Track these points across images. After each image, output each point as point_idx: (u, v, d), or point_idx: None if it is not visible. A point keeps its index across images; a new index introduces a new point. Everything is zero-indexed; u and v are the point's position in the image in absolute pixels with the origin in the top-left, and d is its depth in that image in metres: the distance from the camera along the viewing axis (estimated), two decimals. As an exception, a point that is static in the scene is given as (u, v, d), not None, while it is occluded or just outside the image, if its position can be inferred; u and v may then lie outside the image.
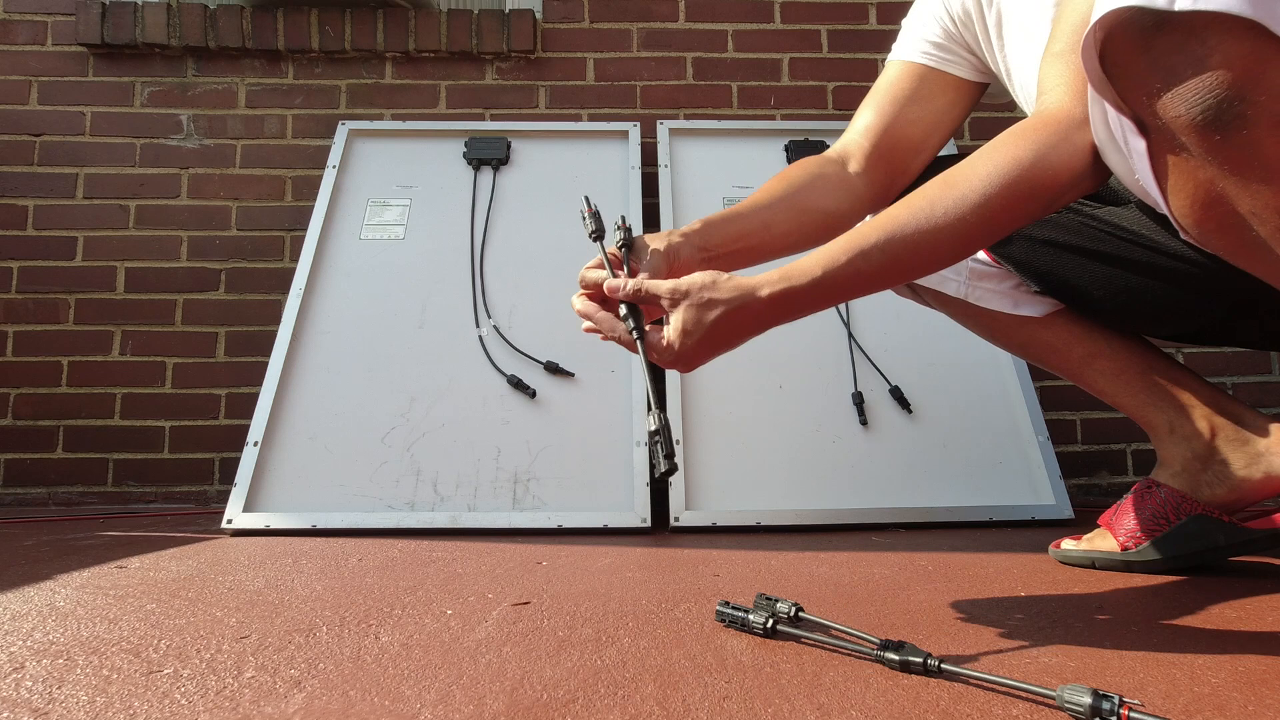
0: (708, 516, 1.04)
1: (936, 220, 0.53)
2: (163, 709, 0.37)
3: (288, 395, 1.16)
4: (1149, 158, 0.43)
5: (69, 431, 1.48)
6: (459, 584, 0.67)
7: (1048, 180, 0.51)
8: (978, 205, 0.52)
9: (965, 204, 0.52)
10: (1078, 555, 0.74)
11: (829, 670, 0.42)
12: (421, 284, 1.28)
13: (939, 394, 1.18)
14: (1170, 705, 0.36)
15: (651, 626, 0.52)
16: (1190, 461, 0.69)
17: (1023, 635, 0.49)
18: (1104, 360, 0.74)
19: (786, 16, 1.65)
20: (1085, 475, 1.46)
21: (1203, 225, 0.44)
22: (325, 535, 1.00)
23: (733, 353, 0.61)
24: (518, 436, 1.12)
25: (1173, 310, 0.69)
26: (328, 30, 1.59)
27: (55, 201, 1.55)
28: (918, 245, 0.54)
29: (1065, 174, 0.51)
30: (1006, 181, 0.51)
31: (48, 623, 0.54)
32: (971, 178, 0.52)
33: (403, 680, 0.41)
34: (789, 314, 0.56)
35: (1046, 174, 0.51)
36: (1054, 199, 0.52)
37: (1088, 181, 0.52)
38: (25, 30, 1.60)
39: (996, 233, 0.54)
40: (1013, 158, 0.51)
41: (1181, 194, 0.43)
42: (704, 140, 1.48)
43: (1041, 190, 0.51)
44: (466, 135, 1.47)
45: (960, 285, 0.77)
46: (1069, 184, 0.51)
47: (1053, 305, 0.75)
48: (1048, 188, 0.51)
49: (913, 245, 0.54)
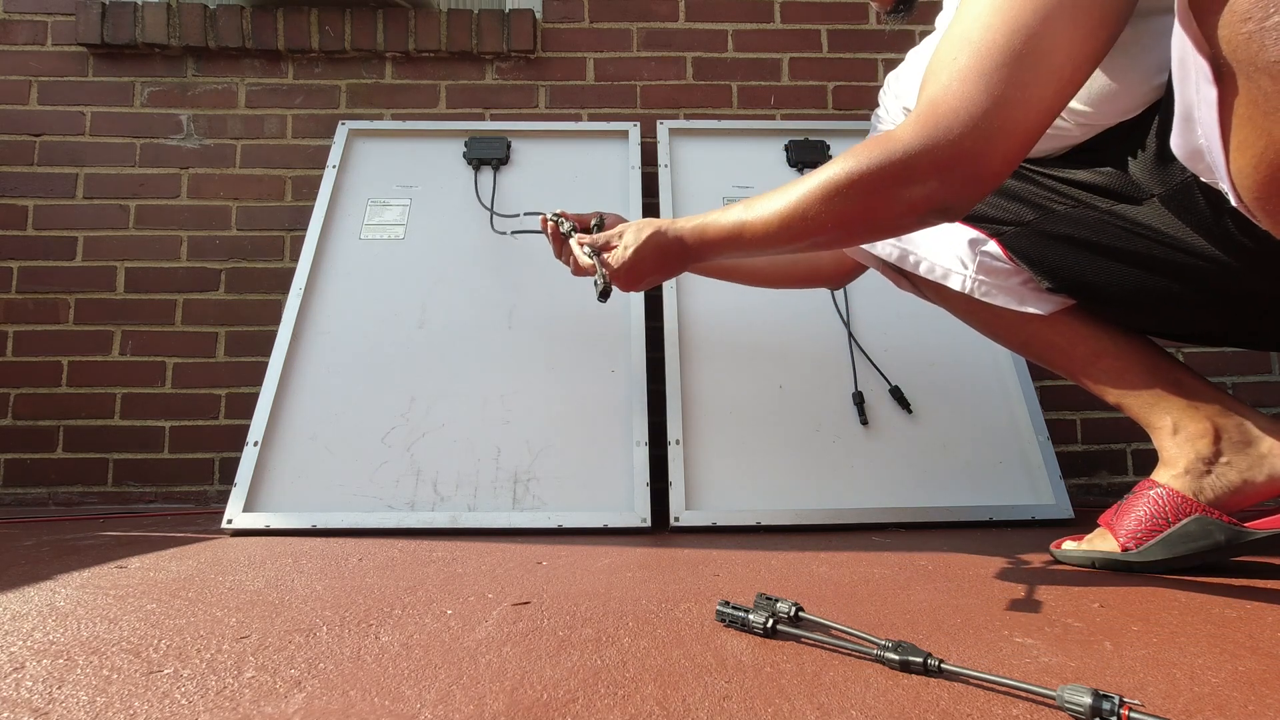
0: (708, 516, 1.04)
1: (784, 199, 0.65)
2: (163, 709, 0.37)
3: (288, 395, 1.16)
4: (1218, 109, 0.42)
5: (69, 431, 1.48)
6: (459, 584, 0.67)
7: (849, 181, 0.59)
8: (803, 194, 0.62)
9: (796, 189, 0.63)
10: (1078, 555, 0.74)
11: (829, 670, 0.42)
12: (421, 284, 1.28)
13: (939, 394, 1.18)
14: (1170, 705, 0.36)
15: (651, 626, 0.52)
16: (1193, 463, 0.69)
17: (1023, 635, 0.49)
18: (1108, 360, 0.74)
19: (786, 16, 1.65)
20: (1085, 475, 1.46)
21: (1264, 188, 0.42)
22: (325, 535, 1.00)
23: (733, 352, 0.69)
24: (518, 436, 1.12)
25: (1189, 309, 0.68)
26: (328, 30, 1.59)
27: (55, 201, 1.55)
28: (776, 217, 0.65)
29: (869, 181, 0.58)
30: (827, 178, 0.60)
31: (48, 623, 0.54)
32: (813, 172, 0.63)
33: (403, 680, 0.41)
34: (705, 249, 0.75)
35: (850, 176, 0.59)
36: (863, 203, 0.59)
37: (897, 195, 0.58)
38: (25, 30, 1.60)
39: (812, 223, 0.63)
40: (840, 160, 0.60)
41: (1249, 151, 0.41)
42: (704, 140, 1.48)
43: (845, 189, 0.59)
44: (466, 135, 1.46)
45: (967, 280, 0.76)
46: (872, 190, 0.58)
47: (1058, 303, 0.74)
48: (850, 188, 0.59)
49: (772, 216, 0.66)
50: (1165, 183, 0.61)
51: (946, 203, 0.57)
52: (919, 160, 0.55)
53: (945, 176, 0.55)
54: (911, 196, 0.56)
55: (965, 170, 0.54)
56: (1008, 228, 0.73)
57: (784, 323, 1.24)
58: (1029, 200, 0.71)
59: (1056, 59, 0.51)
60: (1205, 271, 0.63)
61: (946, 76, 0.54)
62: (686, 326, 1.24)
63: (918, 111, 0.56)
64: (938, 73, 0.55)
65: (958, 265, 0.76)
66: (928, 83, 0.56)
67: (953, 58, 0.54)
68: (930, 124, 0.54)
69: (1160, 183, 0.61)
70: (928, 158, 0.54)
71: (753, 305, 1.25)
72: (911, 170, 0.55)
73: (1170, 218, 0.63)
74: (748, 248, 0.70)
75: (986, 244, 0.75)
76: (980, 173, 0.55)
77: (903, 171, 0.56)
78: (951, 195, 0.56)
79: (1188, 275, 0.64)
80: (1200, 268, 0.63)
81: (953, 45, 0.55)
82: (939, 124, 0.54)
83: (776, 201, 0.65)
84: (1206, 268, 0.62)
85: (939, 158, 0.54)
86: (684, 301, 1.26)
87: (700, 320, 1.25)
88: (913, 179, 0.56)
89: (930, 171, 0.55)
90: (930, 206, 0.57)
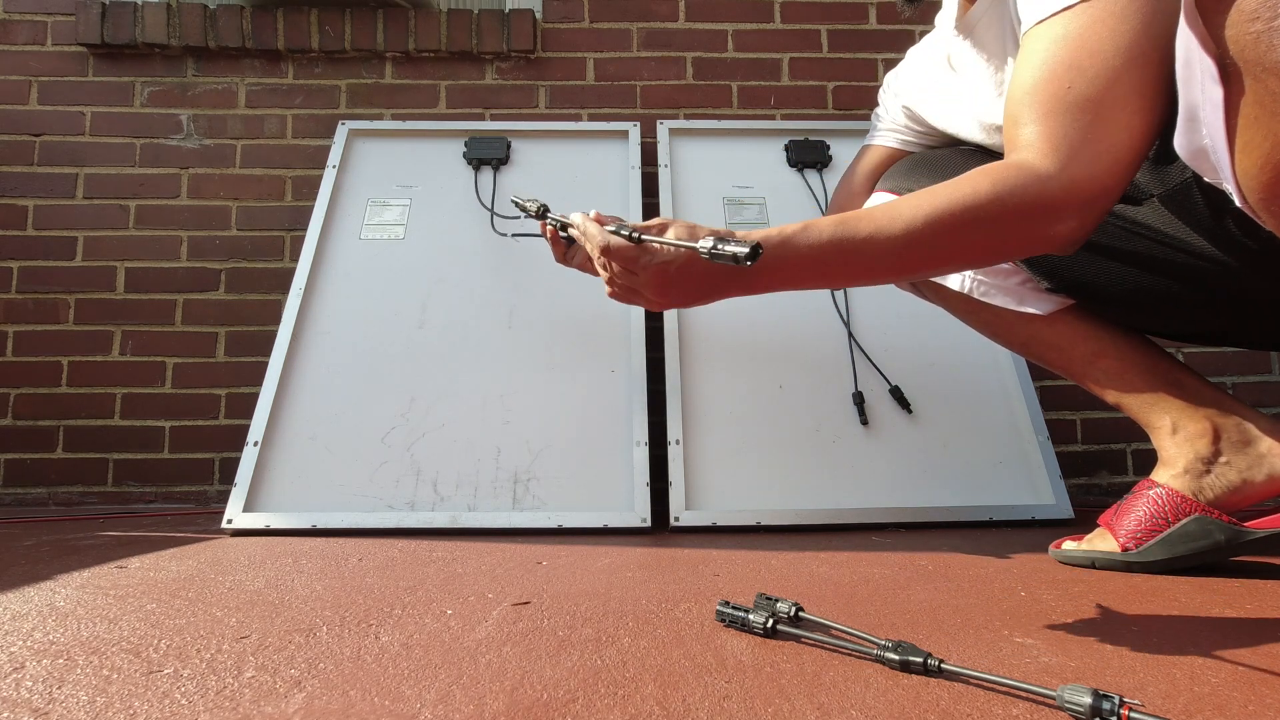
0: (708, 516, 1.04)
1: (890, 227, 0.55)
2: (163, 709, 0.37)
3: (288, 395, 1.16)
4: (1224, 109, 0.42)
5: (69, 431, 1.48)
6: (459, 584, 0.67)
7: (994, 212, 0.53)
8: (927, 219, 0.54)
9: (918, 215, 0.54)
10: (1078, 555, 0.74)
11: (829, 670, 0.42)
12: (421, 284, 1.28)
13: (939, 394, 1.18)
14: (1170, 705, 0.36)
15: (651, 626, 0.52)
16: (1193, 463, 0.69)
17: (1023, 635, 0.49)
18: (1108, 360, 0.74)
19: (786, 16, 1.65)
20: (1085, 475, 1.46)
21: (1270, 190, 0.42)
22: (325, 535, 1.00)
23: (733, 352, 0.64)
24: (518, 436, 1.12)
25: (1188, 309, 0.68)
26: (328, 30, 1.59)
27: (55, 201, 1.55)
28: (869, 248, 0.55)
29: (1014, 214, 0.53)
30: (956, 206, 0.53)
31: (48, 623, 0.54)
32: (932, 195, 0.55)
33: (403, 680, 0.41)
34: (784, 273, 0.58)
35: (994, 207, 0.53)
36: (1001, 235, 0.54)
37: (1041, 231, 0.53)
38: (25, 30, 1.60)
39: (936, 254, 0.55)
40: (971, 186, 0.53)
41: (1255, 152, 0.41)
42: (704, 140, 1.48)
43: (986, 222, 0.53)
44: (466, 135, 1.46)
45: (966, 280, 0.77)
46: (1017, 223, 0.53)
47: (1057, 303, 0.74)
48: (995, 220, 0.53)
49: (874, 248, 0.55)
50: (1165, 183, 0.61)
51: (1078, 238, 0.55)
52: (1067, 195, 0.53)
53: (1085, 212, 0.53)
54: (1053, 232, 0.54)
55: (1102, 205, 0.53)
56: None
57: (784, 323, 1.24)
58: None
59: (1149, 91, 0.52)
60: (1205, 271, 0.63)
61: (1072, 105, 0.53)
62: (686, 326, 1.24)
63: (1052, 143, 0.53)
64: (1059, 101, 0.53)
65: None
66: (1053, 112, 0.53)
67: (1068, 86, 0.53)
68: (1073, 157, 0.52)
69: (1160, 183, 0.61)
70: (1075, 192, 0.53)
71: (753, 305, 1.25)
72: (1057, 204, 0.53)
73: (1170, 217, 0.63)
74: (842, 276, 0.58)
75: None
76: (1109, 207, 0.54)
77: (1050, 205, 0.53)
78: (1084, 230, 0.54)
79: (1187, 275, 0.64)
80: (1200, 267, 0.63)
81: (1068, 72, 0.53)
82: (1081, 157, 0.52)
83: (897, 221, 0.55)
84: (1206, 267, 0.62)
85: (1084, 193, 0.52)
86: (684, 301, 1.26)
87: (700, 320, 1.25)
88: (1059, 214, 0.53)
89: (1075, 207, 0.53)
90: (1068, 240, 0.55)
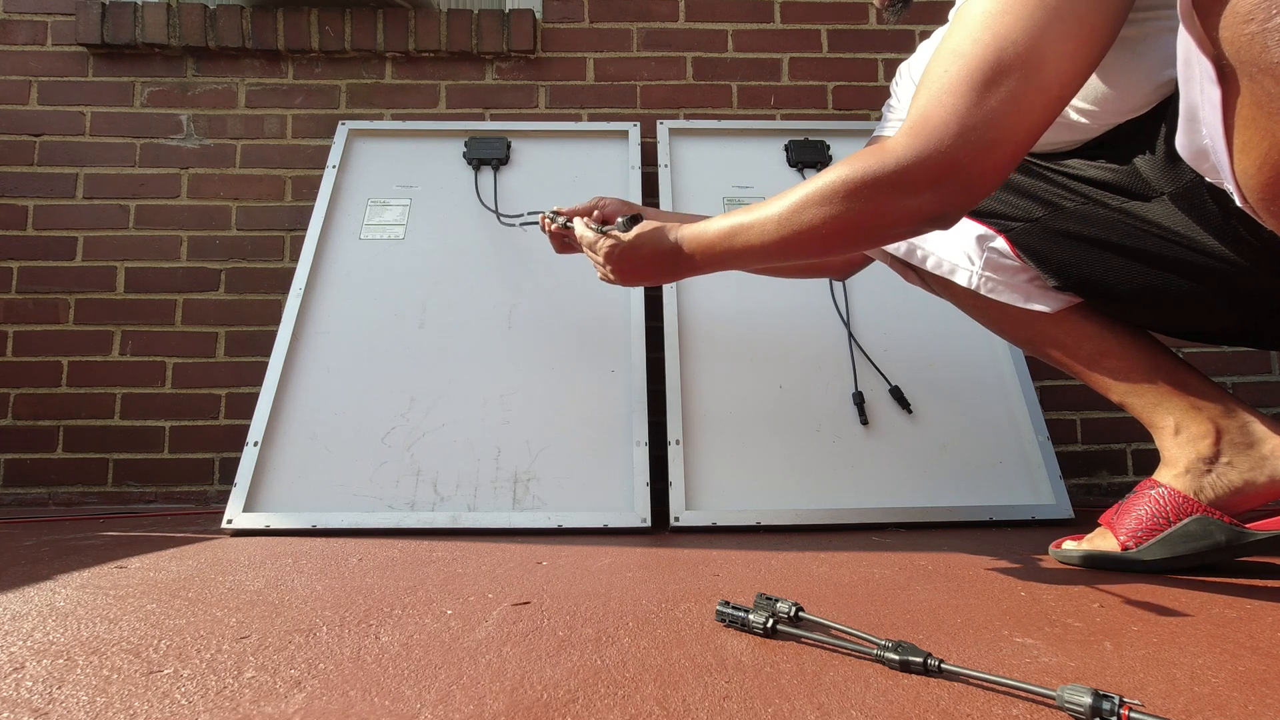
0: (708, 516, 1.04)
1: (768, 209, 0.65)
2: (163, 709, 0.37)
3: (288, 395, 1.16)
4: (1222, 109, 0.42)
5: (69, 431, 1.48)
6: (459, 584, 0.67)
7: (844, 190, 0.59)
8: (792, 201, 0.62)
9: (790, 197, 0.63)
10: (1078, 555, 0.74)
11: (829, 670, 0.42)
12: (421, 284, 1.28)
13: (939, 394, 1.18)
14: (1170, 705, 0.36)
15: (651, 626, 0.52)
16: (1195, 463, 0.68)
17: (1023, 635, 0.49)
18: (1112, 359, 0.73)
19: (786, 16, 1.65)
20: (1085, 475, 1.46)
21: (1268, 190, 0.42)
22: (325, 535, 1.00)
23: (733, 352, 0.68)
24: (518, 436, 1.12)
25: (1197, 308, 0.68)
26: (328, 30, 1.59)
27: (55, 201, 1.55)
28: (761, 234, 0.66)
29: (858, 191, 0.58)
30: (815, 186, 0.61)
31: (48, 623, 0.54)
32: (806, 180, 0.63)
33: (403, 680, 0.41)
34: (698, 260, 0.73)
35: (843, 185, 0.59)
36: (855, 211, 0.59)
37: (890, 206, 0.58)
38: (25, 30, 1.60)
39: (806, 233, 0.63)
40: (835, 168, 0.60)
41: (1253, 152, 0.41)
42: (704, 140, 1.48)
43: (837, 199, 0.59)
44: (466, 135, 1.46)
45: (973, 276, 0.77)
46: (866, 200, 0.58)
47: (1064, 301, 0.74)
48: (845, 197, 0.59)
49: (757, 234, 0.66)
50: (1175, 181, 0.61)
51: (941, 212, 0.58)
52: (912, 171, 0.55)
53: (938, 188, 0.56)
54: (906, 206, 0.57)
55: (958, 181, 0.55)
56: (1016, 224, 0.73)
57: (784, 323, 1.24)
58: (1039, 197, 0.71)
59: (1046, 72, 0.52)
60: (1215, 269, 0.63)
61: (938, 88, 0.55)
62: (686, 326, 1.24)
63: (910, 122, 0.56)
64: (929, 84, 0.56)
65: (965, 261, 0.76)
66: (920, 94, 0.57)
67: (944, 70, 0.55)
68: (922, 136, 0.55)
69: (1170, 180, 0.61)
70: (920, 169, 0.55)
71: (753, 305, 1.25)
72: (905, 181, 0.56)
73: (1180, 216, 0.62)
74: (745, 258, 0.69)
75: (994, 240, 0.75)
76: (972, 183, 0.56)
77: (897, 182, 0.56)
78: (945, 205, 0.57)
79: (1197, 273, 0.64)
80: (1210, 266, 0.63)
81: (944, 58, 0.56)
82: (930, 136, 0.54)
83: (772, 208, 0.65)
84: (1216, 266, 0.62)
85: (931, 169, 0.55)
86: (684, 301, 1.26)
87: (700, 320, 1.25)
88: (907, 190, 0.56)
89: (924, 183, 0.55)
90: (925, 216, 0.58)
